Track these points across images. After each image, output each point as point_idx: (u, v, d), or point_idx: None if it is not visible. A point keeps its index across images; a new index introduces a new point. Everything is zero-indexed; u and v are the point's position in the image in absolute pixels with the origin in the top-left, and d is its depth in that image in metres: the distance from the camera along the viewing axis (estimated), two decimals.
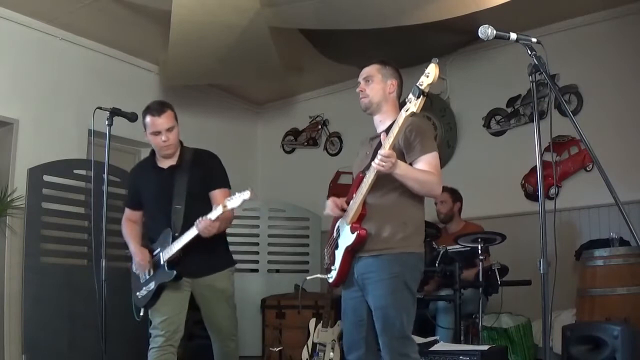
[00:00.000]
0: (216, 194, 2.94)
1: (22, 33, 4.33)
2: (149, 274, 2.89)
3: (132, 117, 3.01)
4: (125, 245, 3.01)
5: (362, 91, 2.51)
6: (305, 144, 6.20)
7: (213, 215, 2.69)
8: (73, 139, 4.56)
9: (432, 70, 2.02)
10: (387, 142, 2.17)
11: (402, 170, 2.24)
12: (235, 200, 2.66)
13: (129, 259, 4.73)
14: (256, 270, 5.43)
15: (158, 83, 5.32)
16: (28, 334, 3.82)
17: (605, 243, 3.90)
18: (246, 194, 2.65)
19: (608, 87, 4.38)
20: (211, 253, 2.89)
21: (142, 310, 2.91)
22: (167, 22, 4.10)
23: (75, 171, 4.26)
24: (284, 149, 6.36)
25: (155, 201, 2.96)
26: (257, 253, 5.46)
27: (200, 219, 2.70)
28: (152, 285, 2.87)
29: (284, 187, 6.13)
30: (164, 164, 2.99)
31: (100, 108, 2.92)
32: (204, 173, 2.96)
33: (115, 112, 2.96)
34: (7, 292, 3.97)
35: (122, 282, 3.09)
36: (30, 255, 3.93)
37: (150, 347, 2.83)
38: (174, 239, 2.81)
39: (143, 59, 5.21)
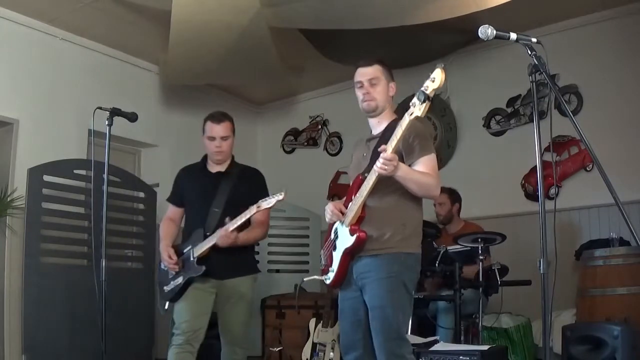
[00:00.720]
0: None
1: (22, 33, 4.33)
2: (178, 270, 2.98)
3: (132, 117, 3.02)
4: (124, 246, 3.04)
5: (367, 94, 2.48)
6: (305, 144, 6.20)
7: (231, 226, 2.84)
8: (73, 139, 4.56)
9: (437, 76, 1.98)
10: (390, 145, 2.17)
11: (403, 172, 2.24)
12: (270, 201, 2.86)
13: (129, 258, 4.77)
14: (259, 270, 5.41)
15: (158, 83, 5.33)
16: (28, 334, 3.82)
17: (605, 243, 3.90)
18: (280, 195, 2.85)
19: (608, 87, 4.38)
20: (238, 257, 3.01)
21: (167, 304, 2.99)
22: (167, 22, 4.09)
23: (75, 171, 4.26)
24: (284, 149, 6.36)
25: (197, 200, 3.09)
26: (257, 253, 5.44)
27: (221, 228, 2.87)
28: (179, 280, 2.95)
29: (284, 187, 6.11)
30: (213, 169, 3.15)
31: (100, 108, 2.93)
32: (248, 187, 3.12)
33: (115, 112, 2.97)
34: (7, 292, 3.97)
35: (122, 282, 3.09)
36: (30, 255, 3.92)
37: (170, 344, 2.91)
38: (206, 237, 2.94)
39: (143, 59, 5.20)
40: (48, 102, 4.46)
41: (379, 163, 2.17)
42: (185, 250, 3.01)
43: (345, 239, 2.39)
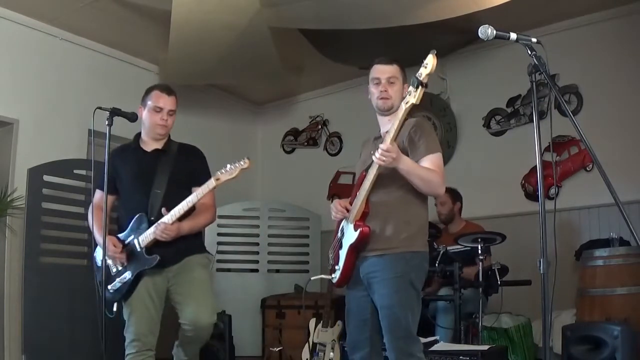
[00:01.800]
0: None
1: (22, 33, 4.33)
2: (122, 264, 2.74)
3: (132, 117, 3.00)
4: None
5: (385, 91, 2.46)
6: (305, 144, 6.20)
7: (170, 218, 2.63)
8: (73, 139, 4.56)
9: (430, 61, 2.05)
10: (388, 136, 2.18)
11: (406, 165, 2.25)
12: (231, 170, 2.60)
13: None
14: (256, 270, 5.43)
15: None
16: (28, 334, 3.82)
17: (605, 243, 3.90)
18: (244, 163, 2.60)
19: (608, 87, 4.38)
20: (184, 240, 2.75)
21: (115, 305, 2.72)
22: (167, 22, 4.10)
23: (75, 171, 4.26)
24: (284, 149, 6.36)
25: (134, 182, 2.82)
26: (257, 253, 5.46)
27: (158, 222, 2.63)
28: (127, 275, 2.71)
29: (284, 187, 6.13)
30: (149, 146, 2.89)
31: (100, 108, 2.91)
32: (190, 166, 2.87)
33: (115, 112, 2.95)
34: (7, 292, 3.97)
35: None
36: (30, 255, 3.93)
37: (127, 352, 2.69)
38: (150, 223, 2.69)
39: (143, 59, 5.21)
40: (48, 102, 4.46)
41: (377, 154, 2.18)
42: (127, 241, 2.74)
43: (350, 236, 2.39)
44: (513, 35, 1.96)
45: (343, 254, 2.43)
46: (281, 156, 6.35)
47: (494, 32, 1.94)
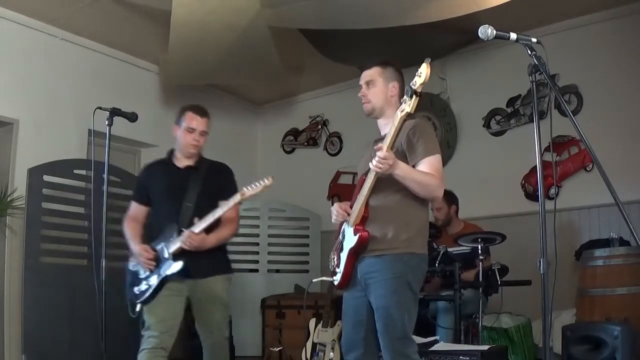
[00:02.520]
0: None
1: (22, 33, 4.33)
2: (150, 270, 2.86)
3: (132, 117, 3.01)
4: (124, 245, 2.99)
5: (364, 96, 2.50)
6: (305, 144, 6.20)
7: (197, 227, 2.78)
8: (73, 139, 4.56)
9: (424, 70, 2.05)
10: (385, 144, 2.18)
11: (402, 171, 2.24)
12: (255, 187, 2.78)
13: (129, 258, 4.75)
14: (256, 270, 5.43)
15: (158, 83, 5.33)
16: (28, 334, 3.82)
17: (605, 243, 3.90)
18: (267, 180, 2.77)
19: (608, 87, 4.38)
20: (213, 256, 2.92)
21: (138, 306, 2.85)
22: (167, 22, 4.10)
23: (75, 171, 4.26)
24: (284, 149, 6.37)
25: (166, 196, 2.97)
26: (257, 253, 5.46)
27: (186, 231, 2.77)
28: (153, 280, 2.84)
29: (284, 187, 6.12)
30: (181, 163, 3.04)
31: (100, 108, 2.92)
32: (219, 181, 3.02)
33: (115, 112, 2.96)
34: (7, 292, 3.97)
35: (122, 282, 3.08)
36: (30, 255, 3.93)
37: (141, 348, 2.79)
38: (180, 233, 2.82)
39: (143, 59, 5.21)
40: (48, 102, 4.46)
41: (374, 161, 2.19)
42: (157, 248, 2.88)
43: (350, 239, 2.40)
44: (513, 35, 1.97)
45: (344, 257, 2.44)
46: (281, 156, 6.35)
47: (494, 32, 1.94)
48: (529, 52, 1.96)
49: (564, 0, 4.32)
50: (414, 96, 2.07)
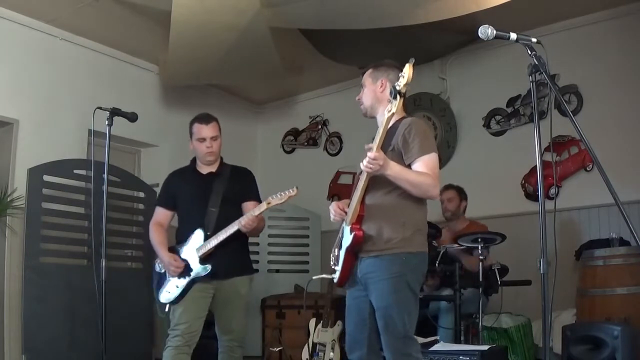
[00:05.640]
0: (249, 205, 3.13)
1: (22, 33, 4.32)
2: (178, 274, 2.99)
3: (132, 117, 3.02)
4: (124, 246, 3.04)
5: (358, 99, 2.60)
6: (305, 144, 6.20)
7: (256, 211, 2.93)
8: (73, 139, 4.56)
9: (406, 71, 2.10)
10: (374, 144, 2.19)
11: (393, 171, 2.24)
12: (281, 196, 2.94)
13: (129, 258, 4.77)
14: (256, 270, 5.40)
15: (158, 83, 5.32)
16: (28, 334, 3.82)
17: (605, 243, 3.90)
18: (292, 191, 2.92)
19: (608, 87, 4.38)
20: (239, 256, 3.10)
21: (167, 306, 2.99)
22: (167, 22, 4.09)
23: (75, 171, 4.26)
24: (284, 149, 6.37)
25: (191, 202, 3.11)
26: (257, 253, 5.46)
27: (242, 217, 2.94)
28: (182, 281, 2.97)
29: (284, 187, 6.10)
30: (204, 170, 3.18)
31: (100, 108, 2.93)
32: (240, 185, 3.18)
33: (115, 112, 2.97)
34: (7, 292, 3.96)
35: (122, 282, 3.09)
36: (30, 255, 3.92)
37: (166, 345, 2.92)
38: (207, 237, 2.98)
39: (143, 59, 5.20)
40: (48, 102, 4.46)
41: (365, 162, 2.20)
42: (184, 253, 3.02)
43: (346, 238, 2.40)
44: (513, 35, 1.97)
45: (342, 254, 2.45)
46: (281, 156, 6.35)
47: (494, 32, 1.95)
48: (529, 52, 1.97)
49: (564, 0, 4.32)
50: (398, 96, 2.12)
